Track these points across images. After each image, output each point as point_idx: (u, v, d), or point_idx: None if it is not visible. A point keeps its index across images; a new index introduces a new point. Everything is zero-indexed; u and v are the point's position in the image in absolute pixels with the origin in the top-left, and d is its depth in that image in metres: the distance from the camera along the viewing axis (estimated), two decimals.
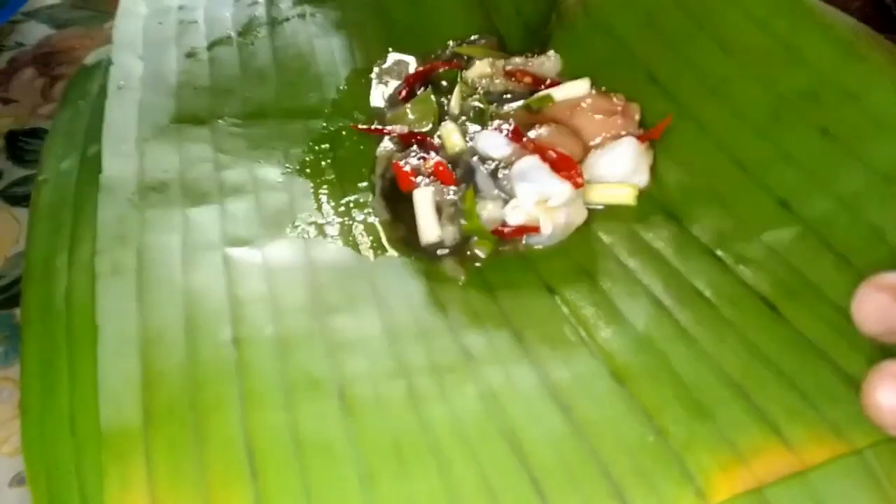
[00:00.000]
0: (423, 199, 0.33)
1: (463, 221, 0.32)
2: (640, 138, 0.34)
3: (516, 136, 0.34)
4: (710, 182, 0.33)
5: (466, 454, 0.24)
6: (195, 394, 0.25)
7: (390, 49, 0.42)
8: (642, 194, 0.34)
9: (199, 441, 0.24)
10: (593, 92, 0.36)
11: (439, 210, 0.33)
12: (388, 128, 0.37)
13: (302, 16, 0.43)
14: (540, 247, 0.32)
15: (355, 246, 0.32)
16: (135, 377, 0.26)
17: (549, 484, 0.24)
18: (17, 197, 0.42)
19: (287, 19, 0.43)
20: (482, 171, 0.33)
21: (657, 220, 0.32)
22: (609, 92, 0.36)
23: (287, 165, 0.36)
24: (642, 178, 0.34)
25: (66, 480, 0.25)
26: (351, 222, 0.33)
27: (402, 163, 0.35)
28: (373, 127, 0.38)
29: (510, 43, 0.43)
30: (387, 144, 0.37)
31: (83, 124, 0.38)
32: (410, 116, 0.38)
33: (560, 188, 0.32)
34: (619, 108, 0.35)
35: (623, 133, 0.35)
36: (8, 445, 0.32)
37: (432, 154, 0.35)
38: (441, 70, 0.40)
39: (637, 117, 0.35)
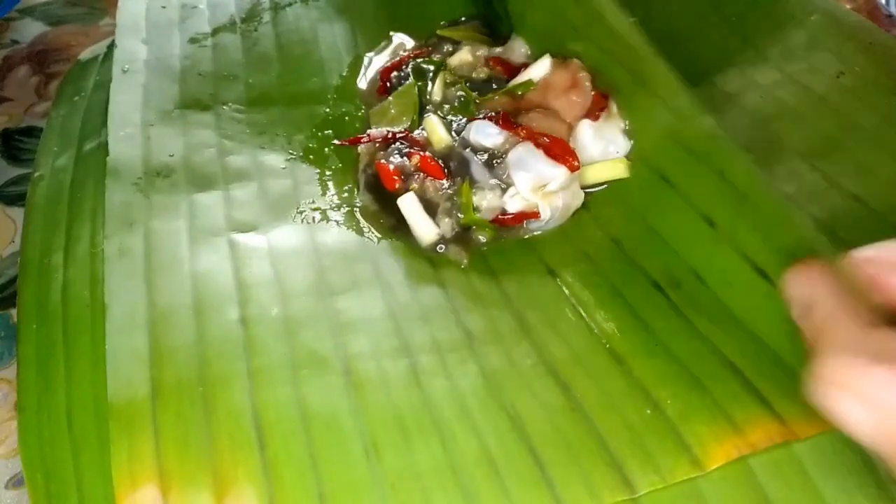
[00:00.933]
0: (410, 204, 0.34)
1: (460, 215, 0.34)
2: (590, 115, 0.35)
3: (507, 123, 0.35)
4: (678, 130, 0.32)
5: (468, 427, 0.26)
6: (203, 369, 0.27)
7: (391, 33, 0.43)
8: (631, 161, 0.35)
9: (207, 414, 0.26)
10: (553, 65, 0.37)
11: (433, 207, 0.34)
12: (367, 134, 0.38)
13: (304, 0, 0.44)
14: (540, 232, 0.34)
15: (358, 230, 0.34)
16: (143, 353, 0.27)
17: (549, 455, 0.25)
18: (13, 196, 0.43)
19: (290, 4, 0.44)
20: (477, 162, 0.35)
21: (650, 188, 0.33)
22: (565, 60, 0.37)
23: (290, 151, 0.37)
24: (619, 148, 0.35)
25: (63, 479, 0.26)
26: (353, 207, 0.35)
27: (384, 161, 0.36)
28: (352, 139, 0.38)
29: (501, 26, 0.43)
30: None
31: (78, 120, 0.39)
32: (393, 111, 0.39)
33: (556, 172, 0.33)
34: (569, 84, 0.36)
35: (579, 108, 0.35)
36: (4, 447, 0.33)
37: (417, 150, 0.36)
38: (419, 60, 0.41)
39: (588, 85, 0.36)
